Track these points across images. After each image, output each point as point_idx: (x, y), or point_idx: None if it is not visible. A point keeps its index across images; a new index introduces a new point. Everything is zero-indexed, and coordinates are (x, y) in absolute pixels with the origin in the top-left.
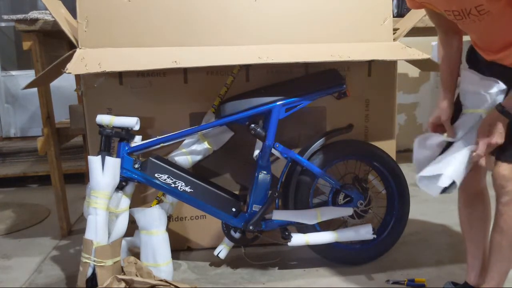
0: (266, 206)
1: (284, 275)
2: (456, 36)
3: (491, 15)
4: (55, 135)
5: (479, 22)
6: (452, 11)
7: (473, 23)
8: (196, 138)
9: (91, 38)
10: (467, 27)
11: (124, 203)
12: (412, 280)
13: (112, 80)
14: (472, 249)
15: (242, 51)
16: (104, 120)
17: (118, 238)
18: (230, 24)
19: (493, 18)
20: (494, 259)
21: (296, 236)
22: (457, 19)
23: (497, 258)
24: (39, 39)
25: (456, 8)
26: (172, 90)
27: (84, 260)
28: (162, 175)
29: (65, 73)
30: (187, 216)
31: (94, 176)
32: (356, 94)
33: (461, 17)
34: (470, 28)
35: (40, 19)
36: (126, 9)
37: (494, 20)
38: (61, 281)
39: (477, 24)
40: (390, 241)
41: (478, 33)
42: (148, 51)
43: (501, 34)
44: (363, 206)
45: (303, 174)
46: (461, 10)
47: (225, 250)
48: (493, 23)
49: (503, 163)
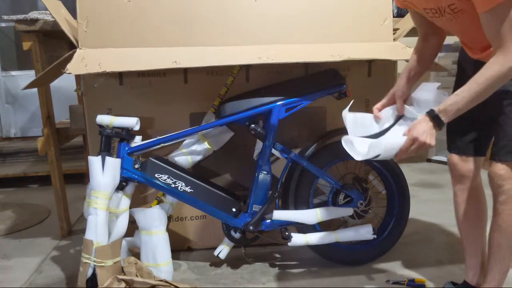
0: (266, 206)
1: (284, 275)
2: (434, 36)
3: (466, 14)
4: (55, 135)
5: (455, 21)
6: (430, 9)
7: (449, 21)
8: (196, 138)
9: (91, 38)
10: (446, 25)
11: (124, 203)
12: (412, 280)
13: (112, 80)
14: (470, 247)
15: (242, 51)
16: (104, 120)
17: (118, 238)
18: (230, 24)
19: (470, 17)
20: (494, 259)
21: (296, 236)
22: (435, 17)
23: (497, 258)
24: (39, 39)
25: (433, 6)
26: (172, 90)
27: (84, 260)
28: (162, 175)
29: (65, 73)
30: (187, 216)
31: (94, 176)
32: (356, 94)
33: (438, 15)
34: (450, 26)
35: (40, 19)
36: (126, 9)
37: (471, 19)
38: (61, 281)
39: (454, 23)
40: (390, 241)
41: (459, 31)
42: (148, 51)
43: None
44: (363, 206)
45: (303, 174)
46: (438, 8)
47: (225, 250)
48: (471, 22)
49: (497, 163)
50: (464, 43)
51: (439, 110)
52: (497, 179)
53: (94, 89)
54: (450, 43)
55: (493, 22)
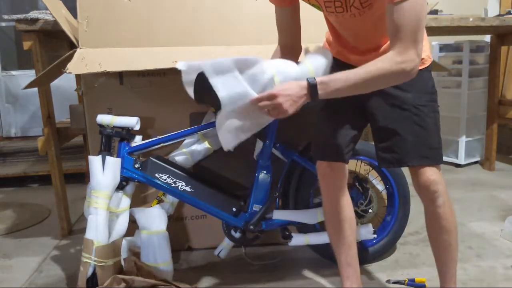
0: (266, 206)
1: (284, 275)
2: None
3: (372, 10)
4: (55, 135)
5: (359, 17)
6: (334, 1)
7: (351, 18)
8: (196, 138)
9: (91, 38)
10: (343, 23)
11: (124, 203)
12: (412, 280)
13: (112, 80)
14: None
15: (242, 51)
16: (105, 120)
17: (119, 238)
18: (230, 24)
19: (373, 14)
20: (447, 260)
21: (296, 236)
22: (335, 12)
23: (450, 258)
24: (39, 39)
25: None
26: (172, 90)
27: (85, 260)
28: (163, 175)
29: (65, 73)
30: (187, 216)
31: (95, 176)
32: None
33: (342, 10)
34: (346, 24)
35: (41, 19)
36: (127, 9)
37: (373, 16)
38: (61, 281)
39: (355, 20)
40: (391, 241)
41: (352, 30)
42: (148, 51)
43: (375, 35)
44: (363, 206)
45: (304, 174)
46: (344, 1)
47: (225, 250)
48: (371, 20)
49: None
50: (345, 45)
51: (321, 81)
52: (432, 185)
53: (94, 89)
54: (451, 43)
55: (399, 18)
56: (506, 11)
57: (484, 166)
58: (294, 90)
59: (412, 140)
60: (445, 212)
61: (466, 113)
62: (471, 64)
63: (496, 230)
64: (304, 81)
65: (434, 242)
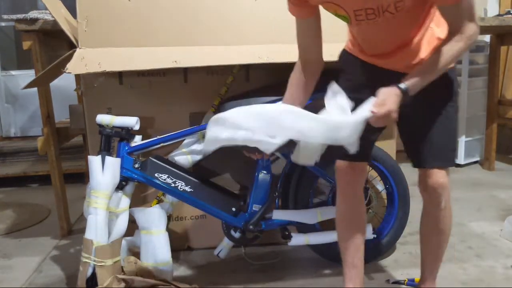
0: (266, 205)
1: (284, 275)
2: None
3: (406, 11)
4: (55, 135)
5: (391, 21)
6: (366, 9)
7: (381, 23)
8: (196, 138)
9: (91, 37)
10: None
11: (124, 202)
12: (412, 280)
13: (112, 80)
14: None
15: (242, 51)
16: (104, 120)
17: (118, 237)
18: (230, 24)
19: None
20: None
21: (296, 236)
22: (366, 19)
23: (439, 256)
24: (39, 38)
25: (372, 6)
26: (172, 90)
27: (84, 260)
28: (162, 175)
29: (65, 73)
30: (187, 216)
31: (94, 176)
32: None
33: (374, 16)
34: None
35: (40, 19)
36: (126, 9)
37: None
38: (61, 281)
39: (385, 24)
40: (390, 241)
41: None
42: (148, 51)
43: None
44: None
45: (303, 173)
46: (377, 8)
47: (225, 250)
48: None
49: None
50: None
51: (410, 85)
52: (439, 188)
53: (94, 89)
54: None
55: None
56: (505, 11)
57: (484, 166)
58: (396, 99)
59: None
60: (445, 215)
61: (465, 113)
62: (471, 64)
63: (496, 230)
64: (396, 88)
65: (426, 240)
